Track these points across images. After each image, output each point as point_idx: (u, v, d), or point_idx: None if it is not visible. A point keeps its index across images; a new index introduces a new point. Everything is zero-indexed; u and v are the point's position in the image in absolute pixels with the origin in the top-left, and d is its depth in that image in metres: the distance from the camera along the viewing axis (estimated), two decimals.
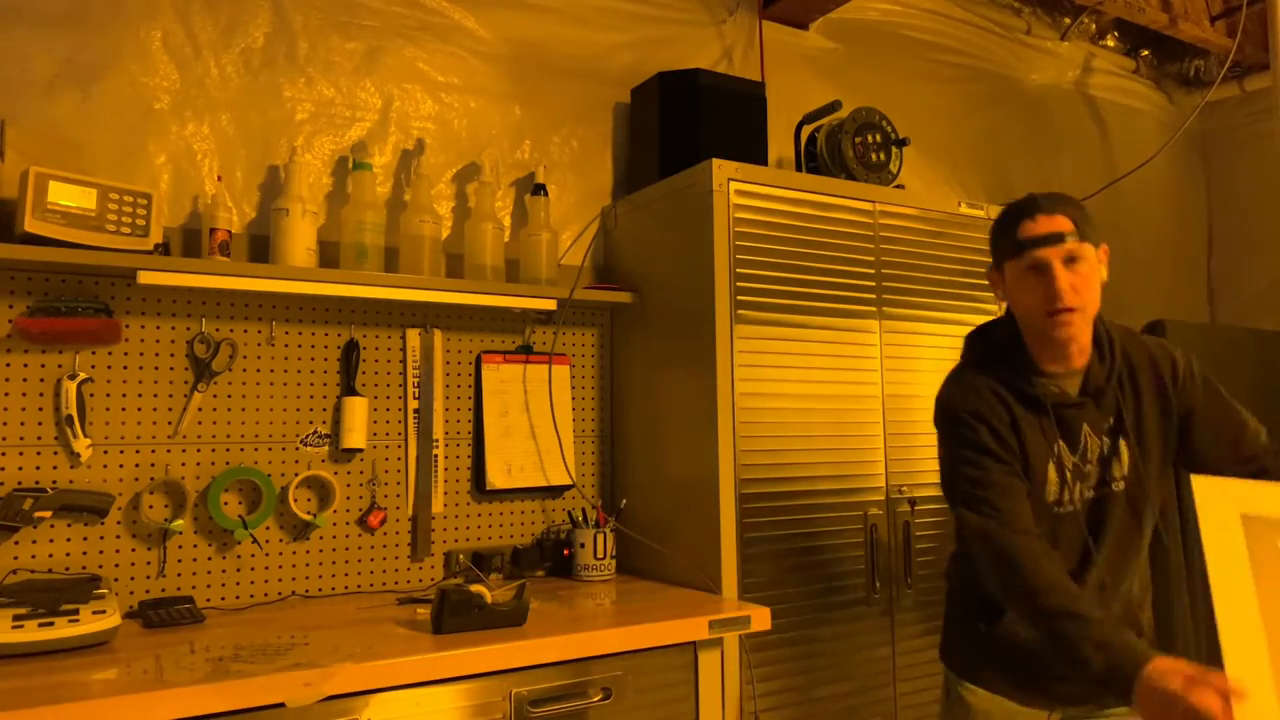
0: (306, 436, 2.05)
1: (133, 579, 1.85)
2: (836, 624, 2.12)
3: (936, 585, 2.23)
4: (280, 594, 1.99)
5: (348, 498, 2.09)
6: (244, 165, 2.06)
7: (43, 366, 1.81)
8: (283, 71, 2.11)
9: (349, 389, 2.09)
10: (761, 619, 1.83)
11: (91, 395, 1.84)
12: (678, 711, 1.77)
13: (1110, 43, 3.69)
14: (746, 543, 2.02)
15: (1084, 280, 1.48)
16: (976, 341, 1.64)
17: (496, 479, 2.25)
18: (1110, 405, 1.55)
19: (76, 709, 1.24)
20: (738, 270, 2.07)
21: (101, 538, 1.83)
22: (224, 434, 1.97)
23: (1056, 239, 1.47)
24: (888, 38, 3.10)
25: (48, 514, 1.75)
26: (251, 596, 1.96)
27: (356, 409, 2.07)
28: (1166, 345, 1.60)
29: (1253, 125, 3.75)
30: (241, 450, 1.98)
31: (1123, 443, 1.55)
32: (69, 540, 1.80)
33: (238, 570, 1.96)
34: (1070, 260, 1.47)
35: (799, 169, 2.47)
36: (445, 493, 2.20)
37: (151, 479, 1.89)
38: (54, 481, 1.80)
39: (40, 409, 1.80)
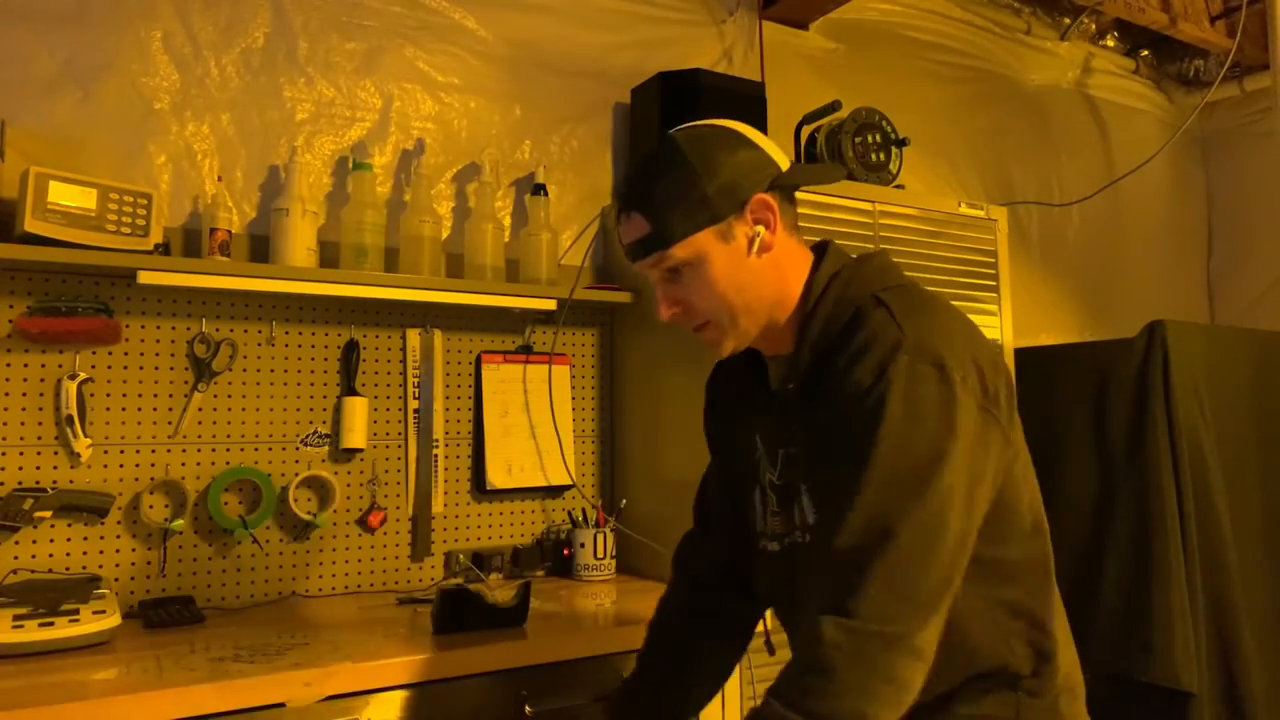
0: (306, 436, 2.05)
1: (133, 579, 1.85)
2: None
3: None
4: (280, 594, 1.99)
5: (348, 498, 2.09)
6: (244, 165, 2.06)
7: (43, 366, 1.81)
8: (283, 71, 2.11)
9: (349, 389, 2.09)
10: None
11: (91, 395, 1.84)
12: None
13: (1110, 43, 3.69)
14: None
15: (693, 289, 1.12)
16: None
17: (496, 479, 2.25)
18: (788, 417, 1.12)
19: (76, 709, 1.24)
20: None
21: (102, 538, 1.83)
22: (224, 434, 1.97)
23: (632, 253, 1.14)
24: (888, 38, 3.10)
25: (48, 514, 1.75)
26: (251, 596, 1.96)
27: (356, 409, 2.07)
28: (891, 332, 1.01)
29: (1253, 125, 3.75)
30: (241, 450, 1.98)
31: (799, 477, 1.11)
32: (69, 540, 1.80)
33: (238, 570, 1.96)
34: (672, 273, 1.12)
35: None
36: (445, 493, 2.20)
37: (151, 479, 1.89)
38: (54, 481, 1.80)
39: (40, 409, 1.80)
